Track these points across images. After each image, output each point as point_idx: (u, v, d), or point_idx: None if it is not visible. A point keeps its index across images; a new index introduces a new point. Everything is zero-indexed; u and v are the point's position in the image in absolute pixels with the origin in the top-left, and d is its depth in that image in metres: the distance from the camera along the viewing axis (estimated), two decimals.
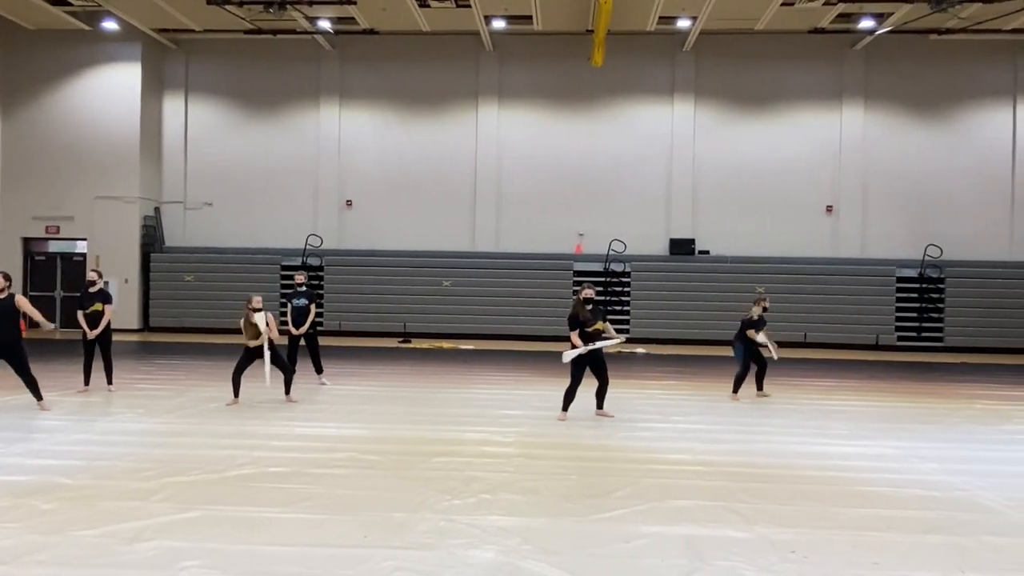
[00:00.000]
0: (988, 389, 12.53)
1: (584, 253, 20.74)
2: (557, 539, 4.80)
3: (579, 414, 9.27)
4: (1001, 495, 5.98)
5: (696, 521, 5.18)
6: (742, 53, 20.60)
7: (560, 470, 6.52)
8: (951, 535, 5.04)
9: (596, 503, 5.55)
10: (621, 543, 4.75)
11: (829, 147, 20.66)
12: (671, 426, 8.66)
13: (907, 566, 4.46)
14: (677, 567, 4.37)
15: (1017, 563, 4.54)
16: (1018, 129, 20.25)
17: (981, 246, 20.20)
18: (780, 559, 4.53)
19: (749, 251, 20.44)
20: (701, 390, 11.65)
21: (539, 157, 21.12)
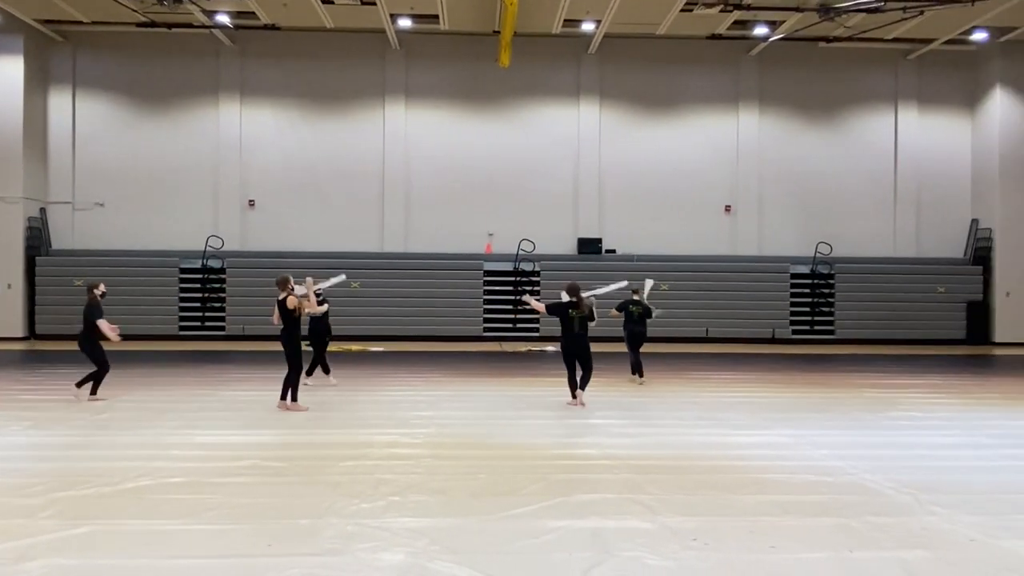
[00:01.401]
0: (875, 378, 13.29)
1: (494, 253, 20.84)
2: (466, 538, 4.81)
3: (493, 411, 9.32)
4: (885, 477, 6.35)
5: (602, 514, 5.29)
6: (645, 57, 21.15)
7: (470, 469, 6.53)
8: (840, 517, 5.32)
9: (505, 501, 5.59)
10: (529, 539, 4.80)
11: (727, 149, 21.46)
12: (580, 422, 8.81)
13: (800, 548, 4.68)
14: (584, 559, 4.45)
15: (899, 540, 4.83)
16: (899, 133, 21.57)
17: (867, 244, 21.41)
18: (682, 547, 4.68)
19: (654, 249, 21.00)
20: (608, 386, 11.87)
21: (448, 157, 21.09)
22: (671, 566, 4.38)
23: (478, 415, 9.16)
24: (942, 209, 21.58)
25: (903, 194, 21.53)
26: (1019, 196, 20.62)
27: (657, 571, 4.30)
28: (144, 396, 10.30)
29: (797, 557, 4.52)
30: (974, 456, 7.25)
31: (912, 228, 21.54)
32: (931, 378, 13.43)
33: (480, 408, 9.67)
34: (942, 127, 21.64)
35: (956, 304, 20.73)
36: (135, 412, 9.17)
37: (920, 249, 21.50)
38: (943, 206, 21.59)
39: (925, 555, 4.57)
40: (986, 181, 21.10)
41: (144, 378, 12.03)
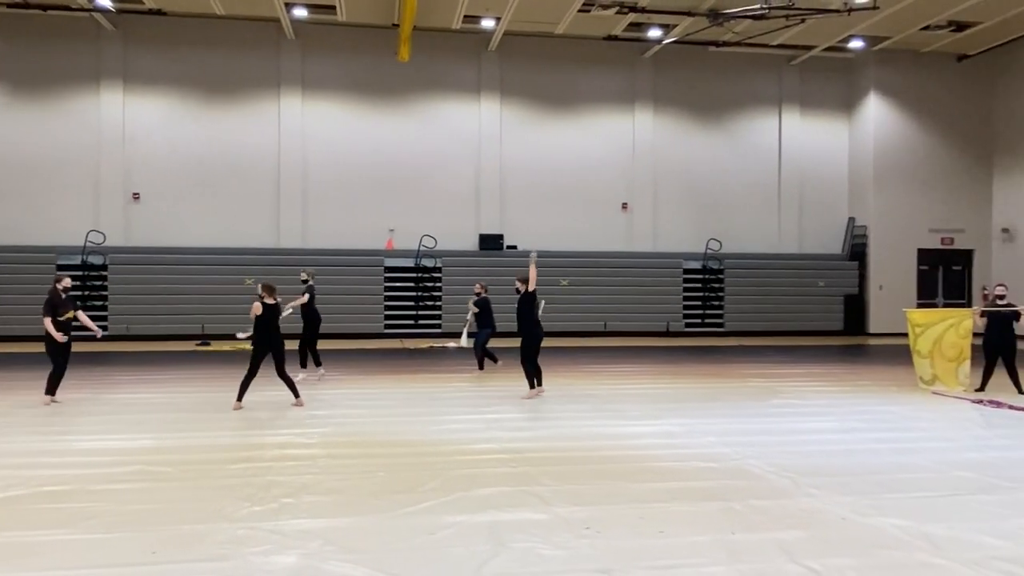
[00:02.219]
0: (760, 368, 13.95)
1: (395, 249, 20.64)
2: (362, 537, 4.76)
3: (392, 409, 9.24)
4: (767, 462, 6.69)
5: (499, 507, 5.35)
6: (545, 55, 21.40)
7: (367, 468, 6.46)
8: (725, 501, 5.57)
9: (403, 498, 5.56)
10: (426, 535, 4.80)
11: (624, 148, 22.00)
12: (479, 417, 8.85)
13: (687, 532, 4.87)
14: (480, 553, 4.49)
15: (778, 521, 5.10)
16: (783, 135, 22.67)
17: (754, 240, 22.42)
18: (575, 536, 4.79)
19: (554, 245, 21.30)
20: (508, 381, 11.98)
21: (347, 151, 20.73)
22: (563, 555, 4.48)
23: (377, 413, 9.07)
24: (822, 207, 22.86)
25: (786, 193, 22.67)
26: (891, 196, 22.07)
27: (550, 560, 4.39)
28: (17, 400, 9.67)
29: (683, 541, 4.71)
30: (847, 440, 7.72)
31: (795, 225, 22.71)
32: (811, 367, 14.21)
33: (379, 406, 9.57)
34: (822, 130, 22.89)
35: (834, 297, 22.01)
36: (8, 417, 8.60)
37: (802, 245, 22.69)
38: (823, 204, 22.87)
39: (801, 535, 4.84)
40: (861, 181, 22.48)
41: (17, 381, 11.28)
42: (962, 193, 22.36)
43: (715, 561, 4.37)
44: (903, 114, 22.17)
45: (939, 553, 4.50)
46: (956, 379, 11.00)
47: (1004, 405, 9.70)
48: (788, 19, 17.40)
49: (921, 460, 6.81)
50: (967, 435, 8.06)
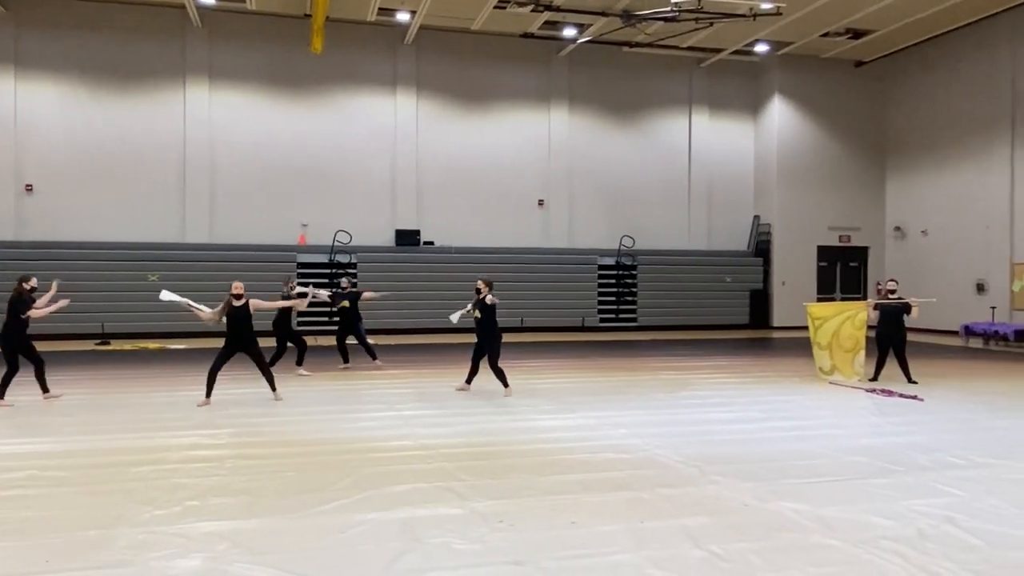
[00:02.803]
0: (671, 361, 14.36)
1: (309, 244, 20.23)
2: (270, 539, 4.67)
3: (304, 408, 9.07)
4: (675, 452, 6.90)
5: (413, 504, 5.33)
6: (461, 51, 21.36)
7: (277, 468, 6.33)
8: (635, 491, 5.71)
9: (313, 497, 5.48)
10: (336, 534, 4.75)
11: (540, 145, 22.19)
12: (395, 414, 8.79)
13: (598, 522, 4.98)
14: (391, 550, 4.47)
15: (684, 509, 5.27)
16: (693, 135, 23.33)
17: (665, 237, 23.01)
18: (489, 529, 4.82)
19: (471, 242, 21.32)
20: (425, 377, 11.96)
21: (257, 144, 20.16)
22: (478, 549, 4.50)
23: (289, 412, 8.88)
24: (729, 206, 23.65)
25: (696, 191, 23.35)
26: (793, 195, 23.02)
27: (464, 555, 4.41)
28: None
29: (594, 530, 4.81)
30: (750, 429, 8.03)
31: (704, 223, 23.42)
32: (718, 360, 14.71)
33: (291, 405, 9.37)
34: (729, 131, 23.67)
35: (741, 292, 22.82)
36: None
37: (711, 242, 23.43)
38: (730, 203, 23.67)
39: (706, 521, 5.02)
40: (766, 181, 23.38)
41: None
42: (858, 193, 23.54)
43: (624, 549, 4.48)
44: (805, 117, 23.16)
45: (832, 534, 4.75)
46: (852, 368, 11.60)
47: (895, 394, 10.28)
48: (697, 22, 17.93)
49: (818, 447, 7.16)
50: (861, 423, 8.51)
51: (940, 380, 11.79)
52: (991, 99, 20.00)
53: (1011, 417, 8.76)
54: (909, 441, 7.43)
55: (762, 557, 4.36)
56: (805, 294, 22.90)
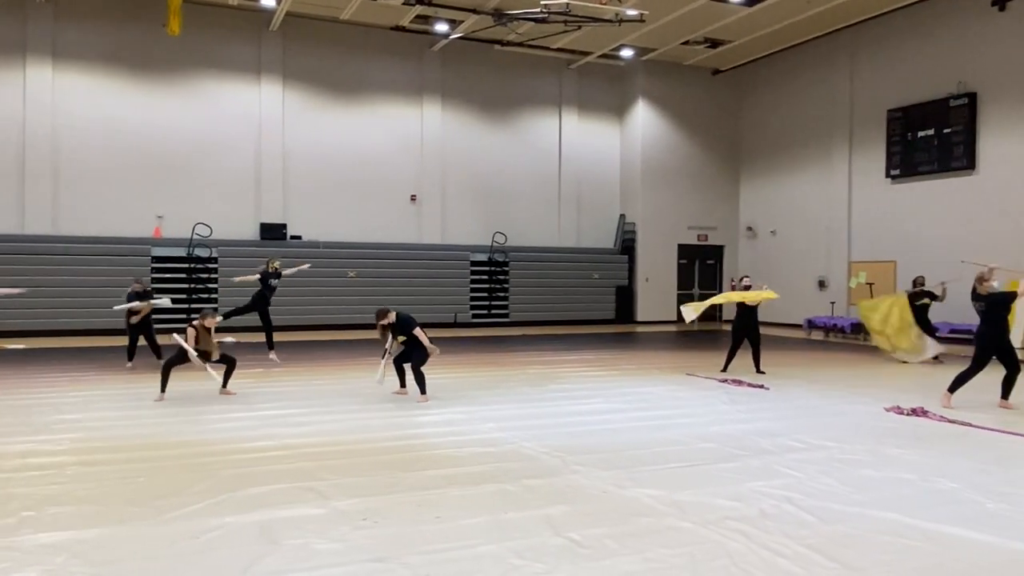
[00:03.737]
0: (540, 356, 14.65)
1: (165, 237, 19.17)
2: (114, 548, 4.40)
3: (157, 410, 8.59)
4: (540, 444, 7.05)
5: (272, 505, 5.17)
6: (331, 41, 20.85)
7: (126, 474, 5.97)
8: (500, 483, 5.80)
9: (166, 503, 5.21)
10: (191, 539, 4.54)
11: (413, 140, 22.03)
12: (255, 414, 8.49)
13: (462, 516, 5.01)
14: (248, 553, 4.32)
15: (546, 498, 5.40)
16: (563, 135, 23.87)
17: (536, 234, 23.44)
18: (352, 528, 4.76)
19: (341, 236, 20.89)
20: (292, 376, 11.62)
21: (109, 129, 18.89)
22: (339, 548, 4.43)
23: (138, 415, 8.38)
24: (597, 204, 24.39)
25: (566, 190, 23.92)
26: (656, 195, 24.02)
27: (324, 555, 4.33)
28: None
29: (458, 524, 4.84)
30: (612, 420, 8.33)
31: (573, 221, 24.03)
32: (585, 354, 15.14)
33: (142, 407, 8.85)
34: (597, 132, 24.39)
35: (608, 289, 23.58)
36: None
37: (579, 240, 24.08)
38: (598, 202, 24.41)
39: (567, 509, 5.16)
40: (631, 181, 24.27)
41: None
42: (715, 195, 24.87)
43: (487, 540, 4.54)
44: (667, 120, 24.20)
45: (684, 517, 5.00)
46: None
47: (744, 383, 10.95)
48: (566, 25, 18.32)
49: (673, 435, 7.52)
50: (713, 411, 9.01)
51: (785, 370, 12.66)
52: (832, 110, 21.65)
53: (846, 402, 9.53)
54: (755, 427, 7.94)
55: (618, 541, 4.54)
56: (667, 290, 24.00)
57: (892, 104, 19.79)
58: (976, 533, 4.73)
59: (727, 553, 4.38)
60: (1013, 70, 17.10)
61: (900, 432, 7.77)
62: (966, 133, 17.92)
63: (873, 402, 9.44)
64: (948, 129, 18.32)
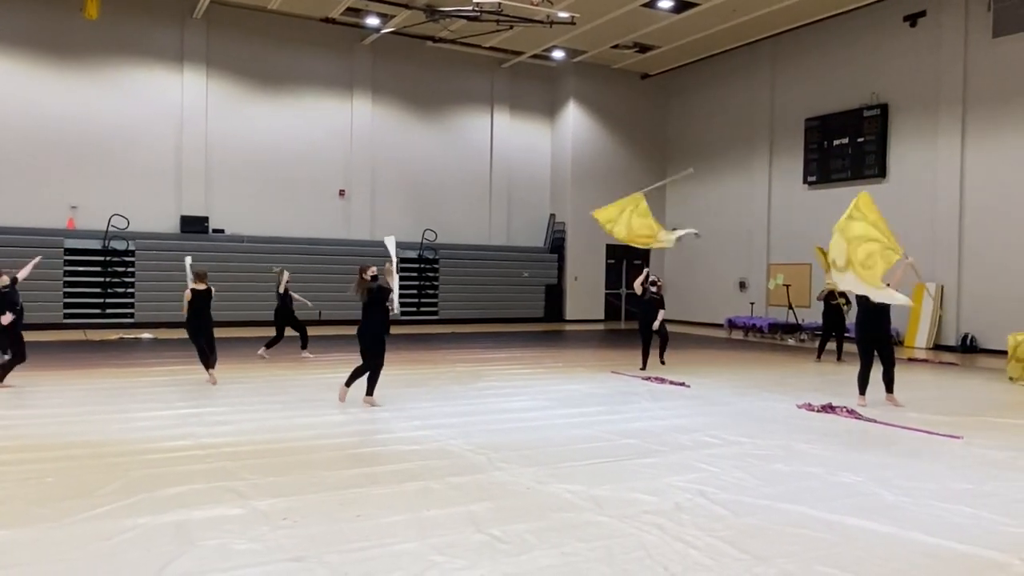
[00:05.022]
0: (468, 353, 14.69)
1: (79, 228, 18.41)
2: (19, 551, 4.24)
3: (70, 408, 8.27)
4: (466, 441, 7.09)
5: (188, 506, 5.07)
6: (258, 31, 20.38)
7: (31, 474, 5.74)
8: (424, 480, 5.82)
9: (75, 504, 5.04)
10: (102, 541, 4.41)
11: (342, 134, 21.74)
12: (172, 412, 8.28)
13: (384, 514, 5.02)
14: (163, 554, 4.23)
15: (470, 495, 5.45)
16: (495, 134, 23.94)
17: (467, 232, 23.45)
18: (271, 528, 4.70)
19: (267, 231, 20.46)
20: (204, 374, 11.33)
21: (19, 116, 18.02)
22: (258, 548, 4.38)
23: (49, 413, 8.06)
24: (528, 203, 24.56)
25: (497, 188, 24.01)
26: (585, 195, 24.27)
27: (242, 555, 4.27)
28: None
29: (379, 522, 4.84)
30: (536, 417, 8.44)
31: (504, 219, 24.14)
32: (514, 352, 15.26)
33: (53, 405, 8.52)
34: (529, 131, 24.56)
35: (537, 287, 23.78)
36: None
37: (510, 238, 24.20)
38: (528, 201, 24.58)
39: (490, 505, 5.22)
40: (561, 181, 24.53)
41: None
42: None
43: (408, 538, 4.56)
44: (597, 122, 24.55)
45: (602, 512, 5.13)
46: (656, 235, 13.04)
47: (666, 381, 11.24)
48: (499, 24, 18.39)
49: (596, 432, 7.68)
50: (635, 408, 9.22)
51: (705, 368, 13.04)
52: (753, 117, 22.37)
53: (760, 399, 9.89)
54: (675, 424, 8.17)
55: (537, 536, 4.62)
56: (595, 289, 24.34)
57: (810, 113, 20.58)
58: (875, 524, 5.00)
59: (643, 545, 4.51)
60: (922, 82, 18.02)
61: (810, 428, 8.12)
62: (878, 142, 18.79)
63: (787, 399, 9.82)
64: (861, 138, 19.17)
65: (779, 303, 20.41)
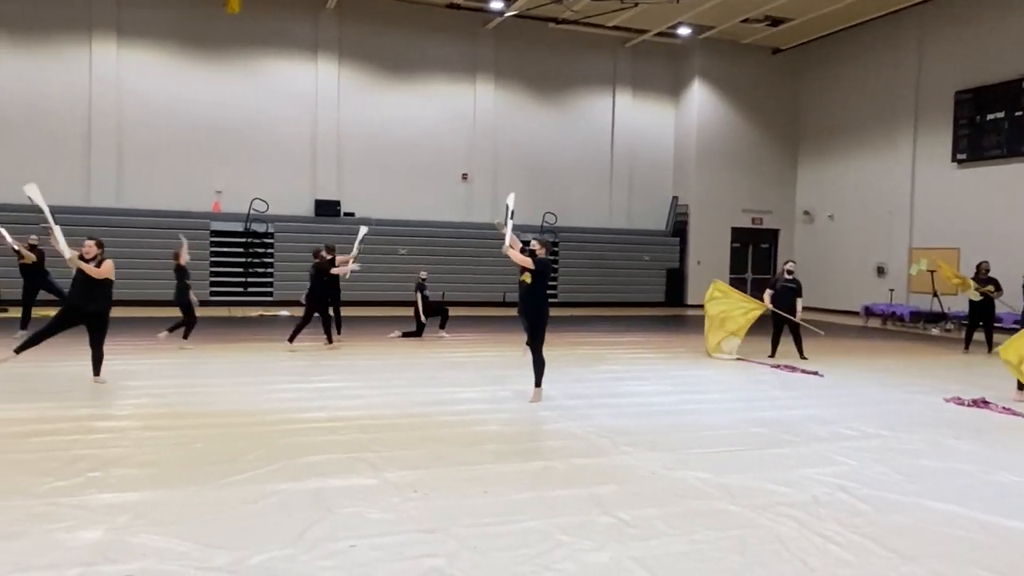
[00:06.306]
0: (589, 337, 14.62)
1: (223, 212, 19.60)
2: (175, 509, 4.56)
3: (216, 379, 8.85)
4: (589, 424, 7.05)
5: (325, 474, 5.29)
6: (386, 19, 20.94)
7: (184, 440, 6.16)
8: (548, 460, 5.83)
9: (223, 468, 5.37)
10: (247, 505, 4.68)
11: (465, 119, 22.04)
12: (309, 386, 8.68)
13: (510, 491, 5.06)
14: (303, 519, 4.43)
15: (594, 478, 5.41)
16: (616, 115, 23.60)
17: (587, 215, 23.29)
18: (403, 499, 4.84)
19: (393, 214, 21.07)
20: (342, 349, 11.81)
21: (170, 105, 19.34)
22: (390, 517, 4.52)
23: (198, 384, 8.64)
24: (649, 185, 24.10)
25: (618, 170, 23.69)
26: (710, 177, 23.63)
27: (376, 524, 4.41)
28: None
29: (505, 499, 4.88)
30: (661, 402, 8.29)
31: (625, 201, 23.81)
32: (634, 336, 15.06)
33: (202, 375, 9.14)
34: (651, 112, 24.05)
35: (658, 271, 23.35)
36: None
37: (631, 221, 23.85)
38: (650, 183, 24.11)
39: (615, 488, 5.16)
40: (685, 163, 23.90)
41: None
42: (771, 177, 24.34)
43: (534, 516, 4.57)
44: (723, 101, 23.72)
45: (733, 501, 4.96)
46: (718, 346, 11.94)
47: (797, 370, 10.76)
48: (623, 2, 18.08)
49: (723, 419, 7.45)
50: (764, 396, 8.88)
51: (839, 357, 12.40)
52: (896, 91, 20.94)
53: (902, 392, 9.30)
54: (807, 414, 7.81)
55: (666, 522, 4.53)
56: (719, 274, 23.58)
57: (961, 85, 19.05)
58: None
59: (778, 538, 4.33)
60: None
61: (960, 423, 7.56)
62: None
63: (932, 392, 9.20)
64: (1020, 112, 17.58)
65: (922, 290, 19.12)
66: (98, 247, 8.41)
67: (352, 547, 4.06)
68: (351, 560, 3.91)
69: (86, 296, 8.18)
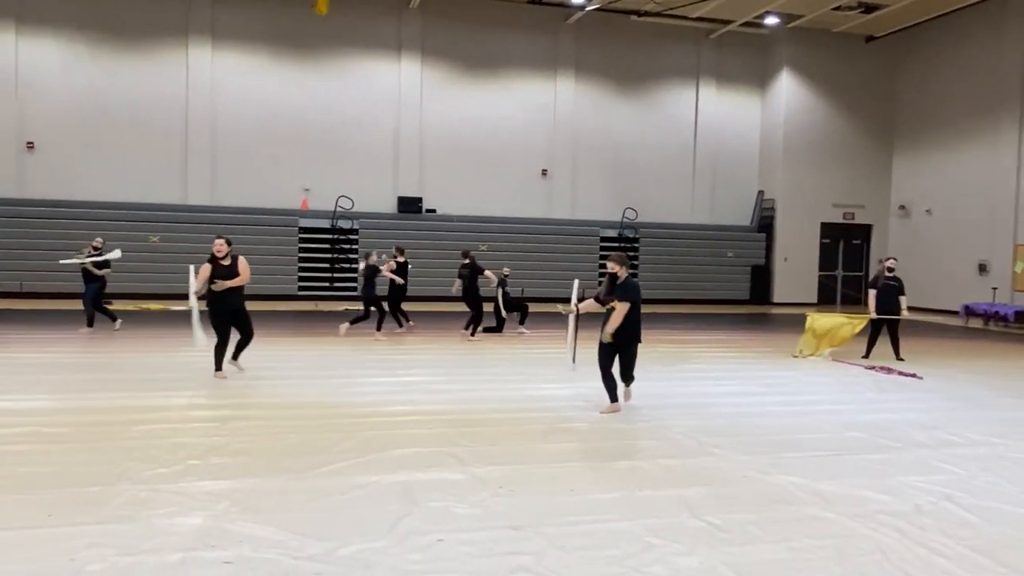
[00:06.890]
0: (670, 334, 14.35)
1: (311, 209, 20.15)
2: (270, 498, 4.69)
3: (305, 371, 9.09)
4: (674, 423, 6.91)
5: (414, 468, 5.35)
6: (467, 17, 21.09)
7: (277, 430, 6.35)
8: (635, 460, 5.74)
9: (314, 459, 5.49)
10: (337, 495, 4.77)
11: (545, 114, 22.00)
12: (396, 380, 8.81)
13: (596, 490, 5.00)
14: (392, 512, 4.49)
15: (682, 479, 5.29)
16: (699, 108, 23.12)
17: (668, 210, 22.91)
18: (490, 494, 4.84)
19: (473, 210, 21.24)
20: (430, 344, 11.97)
21: (260, 107, 20.01)
22: (478, 513, 4.53)
23: (289, 376, 8.90)
24: (733, 180, 23.52)
25: (701, 165, 23.20)
26: (798, 171, 22.88)
27: (464, 519, 4.43)
28: None
29: (592, 498, 4.83)
30: (749, 403, 8.05)
31: (707, 197, 23.31)
32: (718, 334, 14.72)
33: (292, 368, 9.40)
34: (736, 104, 23.45)
35: (742, 268, 22.77)
36: None
37: (714, 216, 23.34)
38: (734, 177, 23.53)
39: (704, 491, 5.03)
40: (771, 156, 23.21)
41: None
42: (864, 171, 23.39)
43: (622, 517, 4.50)
44: (813, 92, 22.92)
45: (829, 508, 4.77)
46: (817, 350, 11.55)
47: (894, 372, 10.30)
48: None
49: (817, 422, 7.18)
50: (860, 399, 8.53)
51: (939, 359, 11.80)
52: (1000, 79, 19.79)
53: (1009, 396, 8.78)
54: (907, 418, 7.45)
55: (760, 528, 4.38)
56: (807, 270, 22.87)
57: None
58: None
59: (879, 548, 4.14)
60: None
61: None
62: None
63: None
64: None
65: None
66: (227, 244, 8.74)
67: (440, 541, 4.08)
68: (439, 554, 3.93)
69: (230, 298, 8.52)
